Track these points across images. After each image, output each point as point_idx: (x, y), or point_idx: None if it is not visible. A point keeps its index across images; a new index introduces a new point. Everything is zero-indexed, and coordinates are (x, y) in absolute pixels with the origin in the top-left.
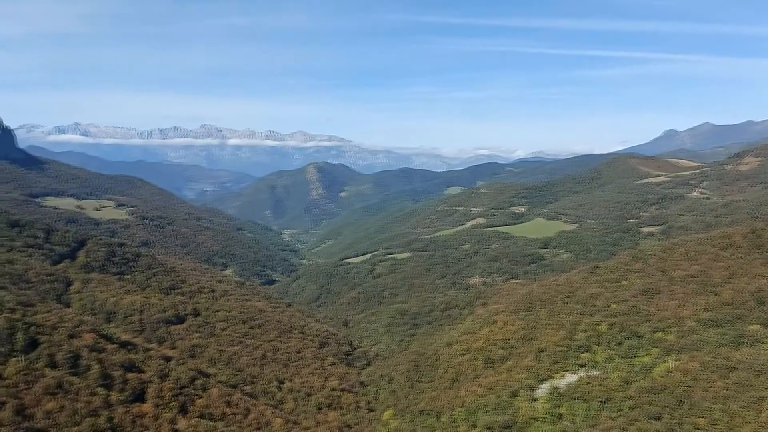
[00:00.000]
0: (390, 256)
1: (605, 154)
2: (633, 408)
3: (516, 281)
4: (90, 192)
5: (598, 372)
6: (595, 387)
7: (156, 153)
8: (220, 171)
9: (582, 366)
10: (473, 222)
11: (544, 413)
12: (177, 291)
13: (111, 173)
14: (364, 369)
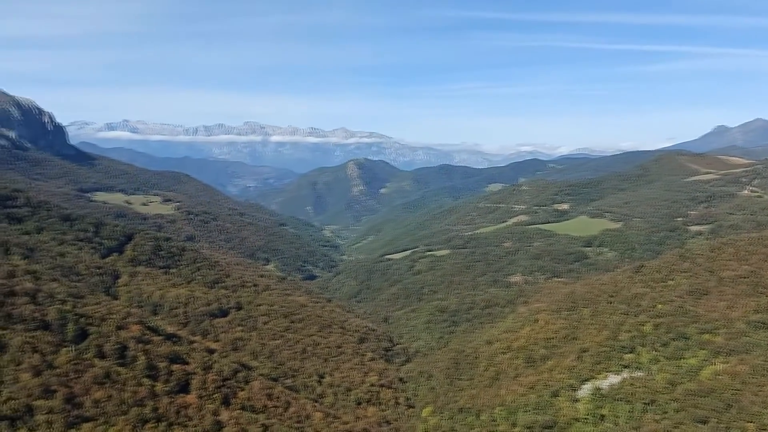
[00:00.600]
0: (430, 252)
1: (652, 150)
2: (678, 411)
3: (558, 280)
4: (138, 187)
5: (642, 373)
6: (639, 388)
7: (201, 149)
8: (263, 167)
9: (626, 367)
10: (515, 219)
11: (585, 414)
12: (221, 285)
13: (158, 169)
14: (403, 365)
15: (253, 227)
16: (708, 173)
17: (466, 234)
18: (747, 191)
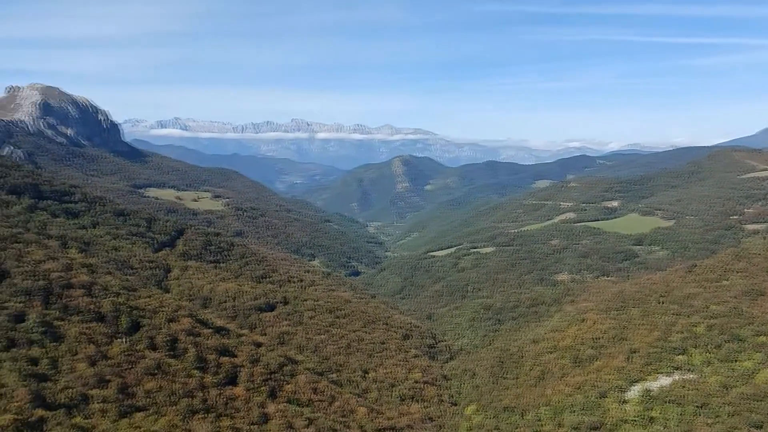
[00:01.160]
0: (474, 250)
1: (707, 146)
2: (732, 415)
3: (607, 279)
4: (188, 183)
5: (694, 375)
6: (691, 391)
7: (249, 146)
8: (309, 164)
9: (677, 369)
10: (562, 217)
11: (634, 416)
12: (268, 280)
13: (208, 166)
14: (447, 363)
15: (300, 223)
16: (765, 170)
17: (511, 231)
18: None
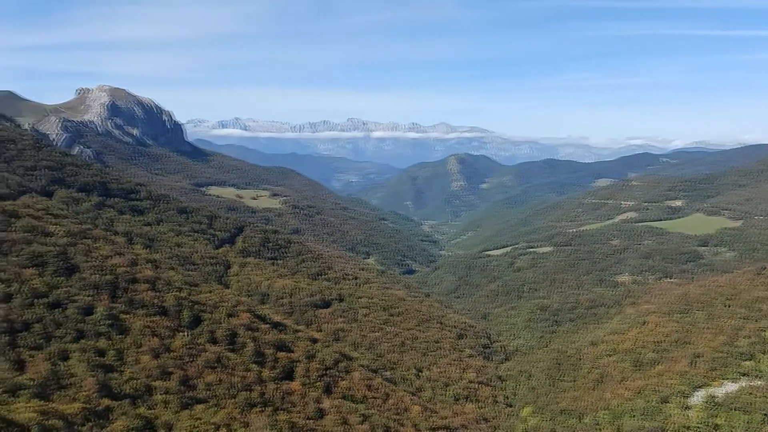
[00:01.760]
0: (531, 249)
1: None
2: None
3: (670, 280)
4: (248, 182)
5: (762, 382)
6: (759, 398)
7: (307, 146)
8: (364, 163)
9: (744, 375)
10: (623, 216)
11: (698, 422)
12: (324, 277)
13: (266, 165)
14: (502, 363)
15: (355, 221)
16: None
17: (570, 231)
18: None
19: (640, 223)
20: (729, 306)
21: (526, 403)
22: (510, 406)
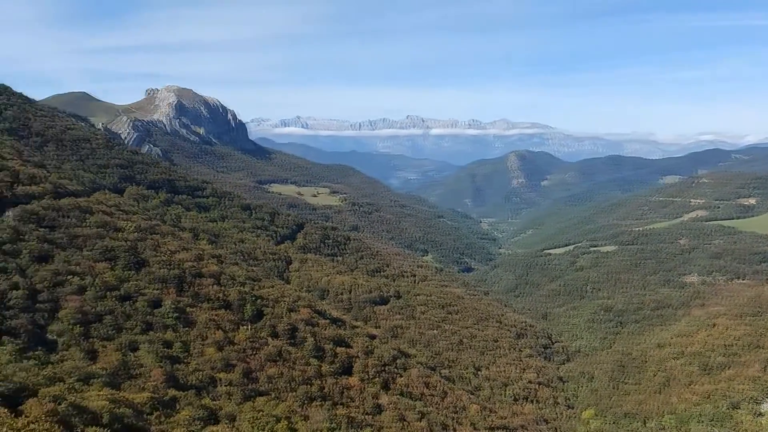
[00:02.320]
0: (594, 248)
1: None
2: None
3: (741, 282)
4: (308, 180)
5: None
6: None
7: (366, 143)
8: (423, 160)
9: None
10: (692, 214)
11: None
12: (381, 274)
13: (326, 163)
14: (563, 364)
15: (413, 219)
16: None
17: (635, 229)
18: None
19: (709, 222)
20: None
21: (587, 406)
22: (571, 408)
